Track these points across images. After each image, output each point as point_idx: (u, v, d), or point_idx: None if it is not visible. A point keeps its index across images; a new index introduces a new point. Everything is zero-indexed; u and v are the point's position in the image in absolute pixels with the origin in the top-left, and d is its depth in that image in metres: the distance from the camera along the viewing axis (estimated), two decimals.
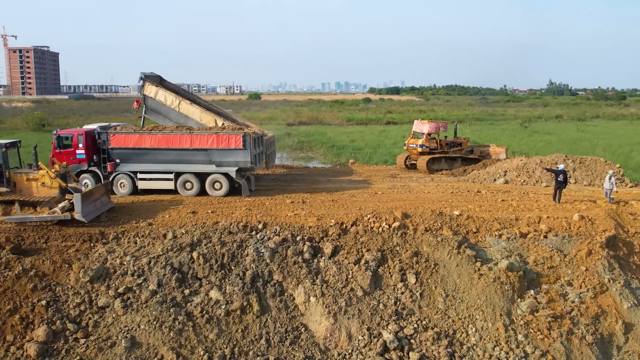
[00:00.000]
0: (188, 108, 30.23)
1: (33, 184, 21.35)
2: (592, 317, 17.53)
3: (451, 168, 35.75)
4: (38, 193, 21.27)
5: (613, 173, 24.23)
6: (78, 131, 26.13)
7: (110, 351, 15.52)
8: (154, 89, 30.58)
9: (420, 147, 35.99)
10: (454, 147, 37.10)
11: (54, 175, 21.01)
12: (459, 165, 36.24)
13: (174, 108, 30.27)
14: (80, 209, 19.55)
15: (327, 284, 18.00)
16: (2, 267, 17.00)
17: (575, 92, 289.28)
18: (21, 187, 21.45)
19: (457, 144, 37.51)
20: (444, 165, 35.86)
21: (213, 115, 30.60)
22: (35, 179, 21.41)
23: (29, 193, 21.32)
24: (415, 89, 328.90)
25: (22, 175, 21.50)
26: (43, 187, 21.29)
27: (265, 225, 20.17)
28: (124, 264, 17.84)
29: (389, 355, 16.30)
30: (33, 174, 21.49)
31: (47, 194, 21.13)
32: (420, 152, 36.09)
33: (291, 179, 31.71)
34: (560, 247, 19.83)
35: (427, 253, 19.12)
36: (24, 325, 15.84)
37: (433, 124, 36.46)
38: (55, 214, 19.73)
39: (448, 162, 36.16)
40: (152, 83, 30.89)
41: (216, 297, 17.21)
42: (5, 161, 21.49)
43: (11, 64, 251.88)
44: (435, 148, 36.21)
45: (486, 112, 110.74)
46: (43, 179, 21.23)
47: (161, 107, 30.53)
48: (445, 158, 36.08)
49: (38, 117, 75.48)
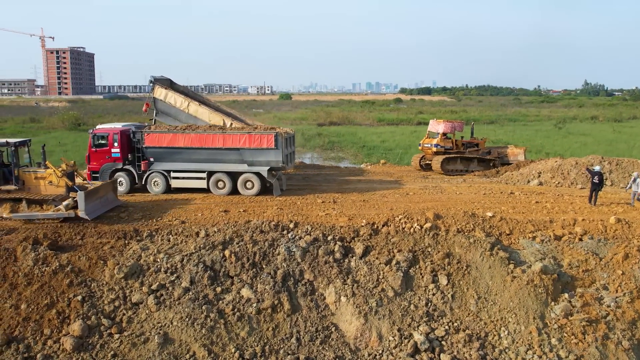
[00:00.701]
0: (197, 109, 30.98)
1: (41, 182, 21.69)
2: (629, 322, 17.13)
3: (467, 169, 35.32)
4: (45, 191, 21.60)
5: (638, 175, 23.53)
6: (113, 130, 26.57)
7: (143, 347, 15.76)
8: (163, 91, 31.43)
9: (435, 147, 35.39)
10: (470, 148, 36.45)
11: (60, 174, 21.35)
12: (475, 166, 35.63)
13: (184, 109, 31.00)
14: (83, 207, 19.93)
15: (358, 284, 17.97)
16: (40, 263, 17.40)
17: (611, 92, 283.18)
18: (29, 185, 21.81)
19: (473, 145, 36.87)
20: (459, 165, 35.31)
21: (222, 115, 31.26)
22: (43, 177, 21.74)
23: (37, 191, 21.68)
24: (447, 89, 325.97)
25: (31, 174, 21.85)
26: (50, 186, 21.63)
27: (297, 225, 20.23)
28: (158, 261, 18.09)
29: (420, 356, 16.20)
30: (41, 173, 21.82)
31: (54, 192, 21.46)
32: (435, 152, 35.44)
33: (322, 179, 31.75)
34: (596, 250, 19.46)
35: (459, 254, 18.95)
36: (61, 319, 16.18)
37: (448, 123, 35.85)
38: (60, 212, 20.09)
39: (464, 162, 35.58)
40: (161, 86, 31.76)
41: (247, 295, 17.34)
42: (15, 159, 21.89)
43: (48, 65, 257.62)
44: (450, 148, 35.57)
45: (519, 113, 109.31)
46: (50, 178, 21.60)
47: (171, 109, 31.29)
48: (461, 158, 35.45)
49: (74, 116, 77.25)
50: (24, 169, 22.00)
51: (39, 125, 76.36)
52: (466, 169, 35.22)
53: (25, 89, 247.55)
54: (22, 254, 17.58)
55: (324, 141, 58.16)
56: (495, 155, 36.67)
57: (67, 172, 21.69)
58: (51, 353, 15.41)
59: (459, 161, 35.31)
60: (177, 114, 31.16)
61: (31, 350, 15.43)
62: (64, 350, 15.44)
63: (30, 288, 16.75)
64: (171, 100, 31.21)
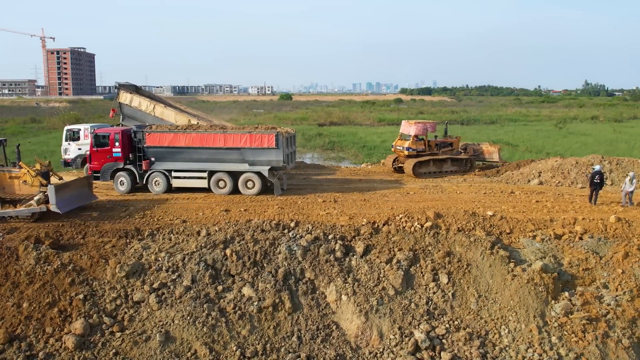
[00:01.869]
0: (163, 111, 31.82)
1: (15, 181, 21.66)
2: (629, 320, 17.16)
3: (440, 170, 33.91)
4: (20, 191, 21.59)
5: (634, 175, 23.47)
6: (115, 130, 26.64)
7: (145, 345, 15.81)
8: (129, 96, 32.11)
9: (407, 150, 33.62)
10: (444, 148, 34.92)
11: (34, 174, 21.37)
12: (448, 166, 34.31)
13: (150, 112, 31.73)
14: (54, 201, 20.07)
15: (359, 283, 18.02)
16: (41, 262, 17.46)
17: (611, 92, 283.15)
18: (3, 184, 21.80)
19: (447, 144, 35.29)
20: (432, 168, 33.71)
21: (188, 116, 32.20)
22: (17, 177, 21.71)
23: (11, 191, 21.66)
24: (447, 89, 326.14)
25: (5, 174, 21.82)
26: (25, 185, 21.61)
27: (298, 224, 20.29)
28: (159, 260, 18.15)
29: (421, 354, 16.24)
30: (15, 172, 21.78)
31: (29, 191, 21.44)
32: (407, 155, 33.72)
33: (323, 179, 31.81)
34: (596, 249, 19.50)
35: (460, 253, 19.01)
36: (63, 318, 16.24)
37: (420, 125, 33.85)
38: (31, 207, 20.21)
39: (437, 164, 34.01)
40: (127, 91, 32.42)
41: (249, 294, 17.39)
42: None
43: (49, 65, 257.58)
44: (423, 150, 33.84)
45: (520, 113, 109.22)
46: (24, 177, 21.61)
47: (137, 112, 31.97)
48: (434, 161, 33.86)
49: (74, 116, 77.29)
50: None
51: (40, 126, 76.40)
52: (439, 170, 33.93)
53: (26, 90, 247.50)
54: (24, 253, 17.65)
55: (324, 141, 58.16)
56: (470, 153, 35.66)
57: (42, 171, 21.72)
58: (53, 351, 15.46)
59: (432, 164, 33.81)
60: (144, 117, 31.74)
61: (33, 349, 15.48)
62: (66, 349, 15.50)
63: (32, 287, 16.81)
64: (137, 104, 31.87)
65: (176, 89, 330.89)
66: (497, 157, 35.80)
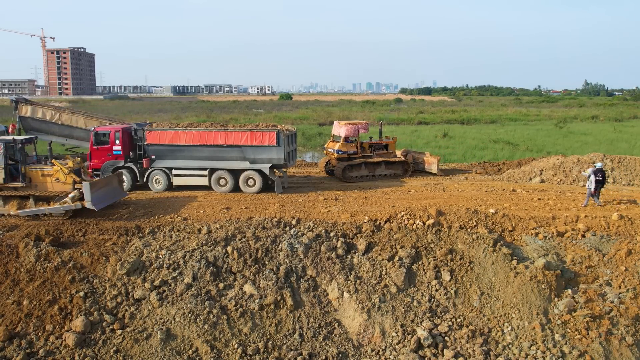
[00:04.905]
0: (70, 117, 31.04)
1: (48, 179, 21.65)
2: (632, 317, 17.06)
3: (373, 174, 31.56)
4: (52, 188, 21.58)
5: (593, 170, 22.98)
6: (115, 128, 26.55)
7: (146, 342, 15.74)
8: (29, 107, 31.16)
9: (337, 153, 31.06)
10: (378, 150, 32.75)
11: (67, 171, 21.35)
12: (382, 170, 31.78)
13: (56, 121, 30.84)
14: (89, 197, 19.99)
15: (361, 280, 17.93)
16: (42, 259, 17.37)
17: (611, 92, 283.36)
18: (36, 182, 21.79)
19: (382, 146, 33.06)
20: (363, 171, 31.20)
21: (99, 120, 31.45)
22: (50, 174, 21.70)
23: (44, 188, 21.65)
24: (447, 89, 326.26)
25: (38, 171, 21.82)
26: (57, 183, 21.60)
27: (299, 221, 20.20)
28: (160, 258, 18.06)
29: (423, 352, 16.17)
30: (48, 170, 21.78)
31: (62, 189, 21.44)
32: (338, 158, 31.20)
33: (323, 177, 31.73)
34: (599, 246, 19.41)
35: (462, 251, 18.92)
36: (63, 315, 16.17)
37: (350, 126, 31.13)
38: (67, 204, 20.16)
39: (369, 167, 31.46)
40: (25, 103, 31.43)
41: (250, 292, 17.31)
42: (22, 157, 21.83)
43: (49, 65, 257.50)
44: (355, 152, 31.33)
45: (520, 113, 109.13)
46: (57, 175, 21.58)
47: (41, 124, 31.00)
48: (366, 164, 31.27)
49: None
50: (30, 166, 22.00)
51: None
52: (372, 174, 31.59)
53: (26, 90, 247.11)
54: (25, 251, 17.57)
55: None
56: (410, 159, 33.49)
57: (74, 168, 21.69)
58: (53, 349, 15.40)
59: (364, 167, 31.27)
60: (49, 127, 30.92)
61: (33, 346, 15.42)
62: (67, 346, 15.44)
63: (33, 284, 16.74)
64: (40, 114, 30.91)
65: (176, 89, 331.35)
66: (436, 168, 33.44)
